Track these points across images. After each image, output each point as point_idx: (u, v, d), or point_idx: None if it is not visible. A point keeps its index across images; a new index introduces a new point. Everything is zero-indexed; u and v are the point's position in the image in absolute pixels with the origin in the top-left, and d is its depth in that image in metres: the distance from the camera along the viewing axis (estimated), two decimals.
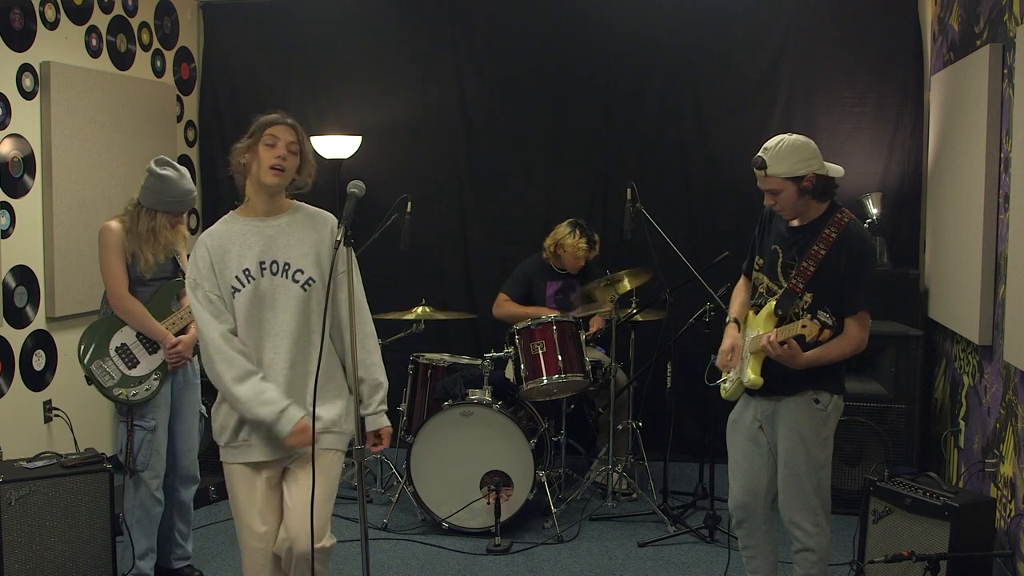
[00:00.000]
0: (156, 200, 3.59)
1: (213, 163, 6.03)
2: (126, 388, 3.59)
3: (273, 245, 2.74)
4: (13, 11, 4.41)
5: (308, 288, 2.73)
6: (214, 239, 2.76)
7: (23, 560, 3.52)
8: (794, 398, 3.08)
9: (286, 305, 2.72)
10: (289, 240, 2.76)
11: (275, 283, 2.72)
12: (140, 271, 3.59)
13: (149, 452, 3.63)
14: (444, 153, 5.83)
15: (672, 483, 4.80)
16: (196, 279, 2.73)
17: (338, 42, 5.87)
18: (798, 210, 3.08)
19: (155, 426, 3.64)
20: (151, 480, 3.64)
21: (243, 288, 2.71)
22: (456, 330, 5.75)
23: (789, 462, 3.11)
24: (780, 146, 3.01)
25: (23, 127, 4.47)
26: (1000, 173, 3.90)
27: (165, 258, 3.64)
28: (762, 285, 3.20)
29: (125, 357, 3.61)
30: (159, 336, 3.62)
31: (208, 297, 2.71)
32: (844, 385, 3.15)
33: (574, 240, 4.93)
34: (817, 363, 2.99)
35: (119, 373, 3.59)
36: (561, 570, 4.03)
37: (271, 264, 2.73)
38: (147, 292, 3.65)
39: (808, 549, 3.13)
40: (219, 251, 2.73)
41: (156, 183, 3.58)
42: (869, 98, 5.27)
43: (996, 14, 3.97)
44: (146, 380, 3.62)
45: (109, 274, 3.58)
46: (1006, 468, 3.75)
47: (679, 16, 5.47)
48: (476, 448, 4.33)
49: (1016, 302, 3.54)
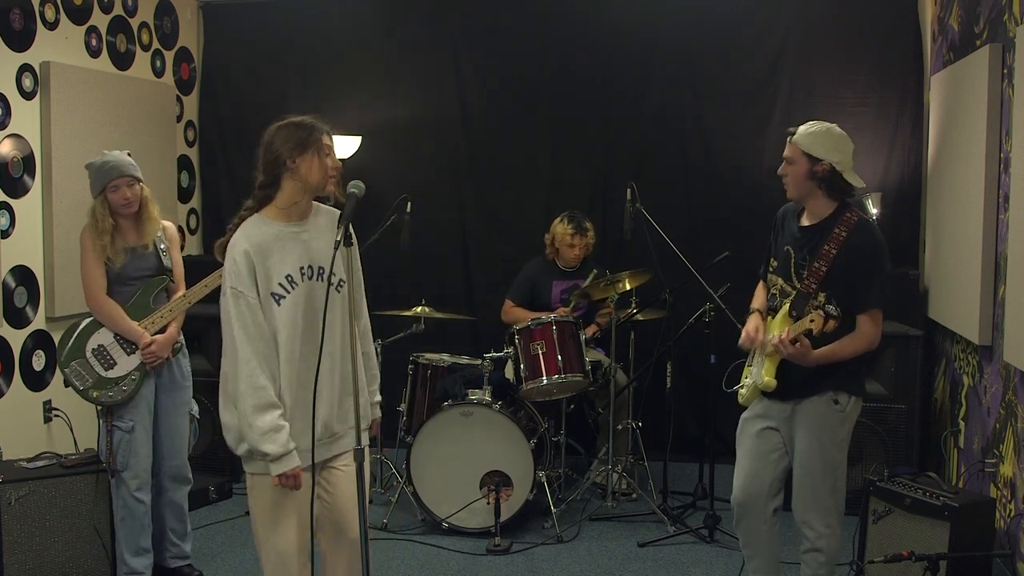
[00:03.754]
0: (94, 186, 3.63)
1: (213, 163, 6.04)
2: (101, 390, 3.58)
3: (309, 249, 2.72)
4: (13, 11, 4.41)
5: (341, 290, 2.73)
6: (253, 244, 2.64)
7: (23, 560, 3.52)
8: (813, 399, 3.08)
9: (332, 310, 2.67)
10: (320, 244, 2.74)
11: (315, 288, 2.70)
12: (111, 263, 3.60)
13: (128, 452, 3.62)
14: (444, 153, 5.83)
15: (672, 483, 4.80)
16: (237, 287, 2.62)
17: (338, 42, 5.87)
18: (802, 192, 3.10)
19: (133, 427, 3.63)
20: (131, 480, 3.63)
21: (287, 295, 2.66)
22: (456, 330, 5.74)
23: (805, 462, 3.11)
24: (817, 125, 3.09)
25: (23, 127, 4.47)
26: (1000, 173, 3.90)
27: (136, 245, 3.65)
28: (776, 287, 3.21)
29: (102, 358, 3.61)
30: (134, 336, 3.62)
31: (250, 310, 2.62)
32: (864, 387, 3.15)
33: (563, 228, 4.98)
34: (829, 360, 3.00)
35: (95, 375, 3.59)
36: (561, 570, 4.03)
37: (309, 269, 2.71)
38: (128, 291, 3.66)
39: (818, 550, 3.13)
40: (260, 256, 2.64)
41: (90, 176, 3.64)
42: (869, 98, 5.27)
43: (996, 14, 3.97)
44: (123, 381, 3.61)
45: (84, 275, 3.63)
46: (1006, 468, 3.75)
47: (679, 16, 5.47)
48: (476, 448, 4.33)
49: (1016, 302, 3.54)
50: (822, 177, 3.03)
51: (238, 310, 2.62)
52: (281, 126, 2.72)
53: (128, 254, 3.64)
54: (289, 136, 2.68)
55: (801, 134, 3.07)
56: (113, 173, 3.61)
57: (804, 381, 3.07)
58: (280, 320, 2.65)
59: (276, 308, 2.65)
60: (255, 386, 2.62)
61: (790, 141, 3.09)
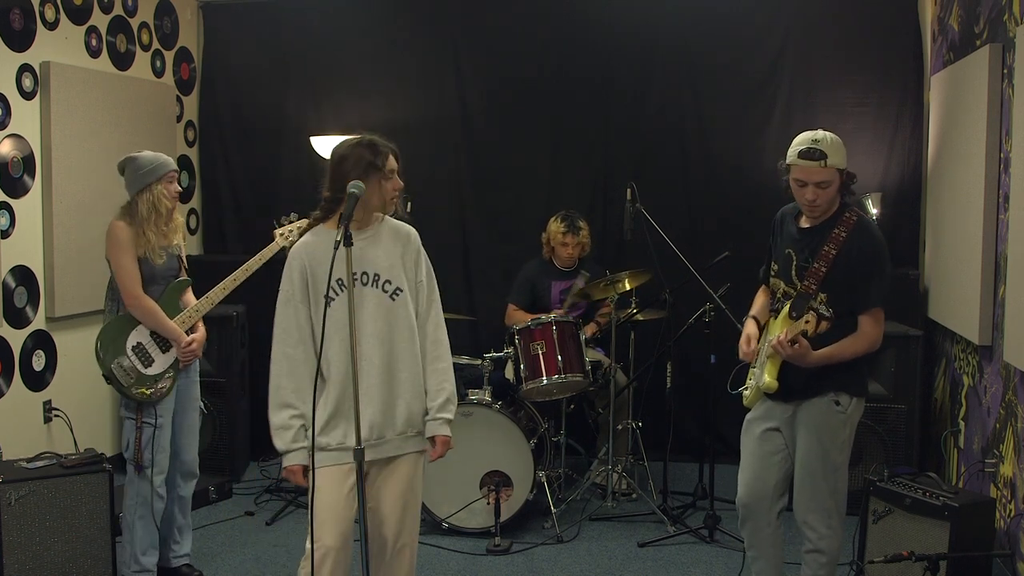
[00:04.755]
0: (139, 180, 3.60)
1: (213, 163, 6.04)
2: (144, 387, 3.62)
3: (363, 257, 2.82)
4: (13, 11, 4.41)
5: (396, 297, 2.84)
6: (308, 253, 2.84)
7: (23, 560, 3.52)
8: (814, 400, 3.08)
9: (374, 313, 2.81)
10: (377, 252, 2.86)
11: (365, 292, 2.82)
12: (153, 258, 3.60)
13: (155, 449, 3.65)
14: (444, 153, 5.83)
15: (672, 483, 4.80)
16: (290, 292, 2.83)
17: (338, 42, 5.87)
18: (832, 206, 3.07)
19: (162, 423, 3.68)
20: (156, 476, 3.66)
21: (336, 297, 2.79)
22: (456, 330, 5.72)
23: (806, 463, 3.11)
24: (828, 138, 3.01)
25: (23, 127, 4.47)
26: (1000, 173, 3.90)
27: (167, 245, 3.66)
28: (779, 290, 3.20)
29: (141, 356, 3.64)
30: (174, 335, 3.65)
31: (294, 313, 2.81)
32: (867, 388, 3.15)
33: (556, 226, 5.00)
34: (829, 361, 2.99)
35: (136, 372, 3.62)
36: (561, 570, 4.03)
37: (362, 275, 2.82)
38: (155, 291, 3.67)
39: (819, 550, 3.13)
40: (313, 264, 2.82)
41: (131, 168, 3.62)
42: (869, 98, 5.27)
43: (996, 14, 3.97)
44: (161, 378, 3.65)
45: (122, 274, 3.59)
46: (1006, 468, 3.75)
47: (679, 16, 5.47)
48: (476, 448, 4.33)
49: (1016, 302, 3.54)
50: (847, 183, 3.04)
51: (282, 313, 2.83)
52: (353, 145, 2.85)
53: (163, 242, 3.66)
54: (360, 159, 2.81)
55: (832, 153, 2.97)
56: (171, 164, 3.67)
57: (805, 382, 3.06)
58: (330, 318, 2.76)
59: (328, 310, 2.76)
60: (275, 385, 2.80)
61: (823, 165, 2.96)
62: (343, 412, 2.79)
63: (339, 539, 2.78)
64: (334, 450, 2.80)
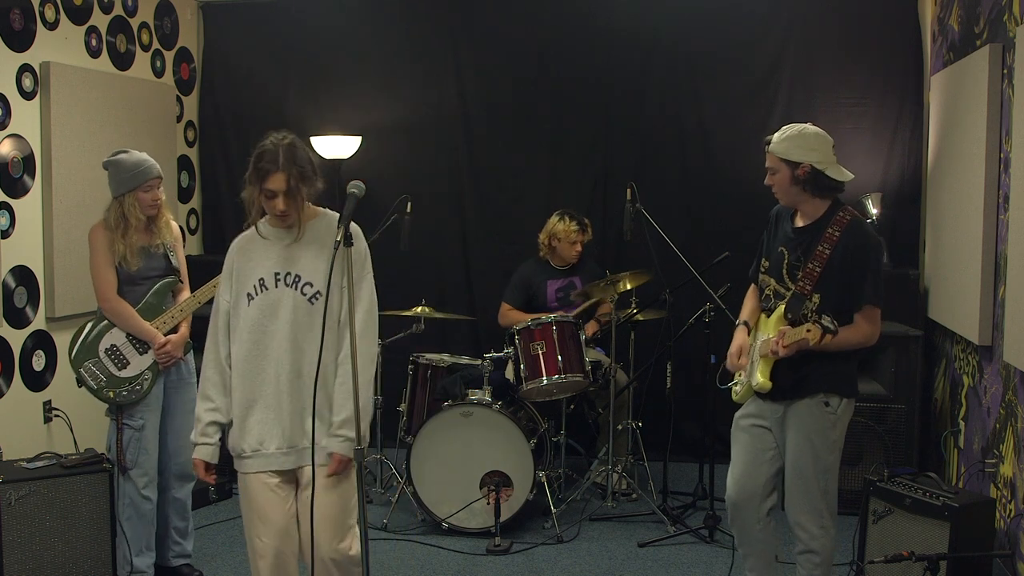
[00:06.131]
0: (118, 184, 3.60)
1: (213, 163, 6.04)
2: (115, 389, 3.61)
3: (291, 256, 2.79)
4: (13, 11, 4.41)
5: (315, 302, 2.76)
6: (241, 245, 2.86)
7: (23, 560, 3.52)
8: (805, 400, 3.07)
9: (287, 316, 2.76)
10: (303, 252, 2.80)
11: (283, 294, 2.77)
12: (127, 264, 3.60)
13: (137, 450, 3.65)
14: (444, 153, 5.83)
15: (672, 483, 4.80)
16: (221, 282, 2.89)
17: (338, 42, 5.87)
18: (792, 198, 3.12)
19: (143, 425, 3.66)
20: (139, 478, 3.66)
21: (256, 297, 2.78)
22: (456, 330, 5.75)
23: (796, 463, 3.11)
24: (789, 130, 3.09)
25: (23, 127, 4.47)
26: (1000, 173, 3.90)
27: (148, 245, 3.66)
28: (769, 287, 3.20)
29: (115, 358, 3.63)
30: (147, 336, 3.65)
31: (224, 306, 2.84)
32: (857, 388, 3.14)
33: (565, 225, 4.98)
34: (826, 347, 2.95)
35: (108, 374, 3.61)
36: (561, 570, 4.03)
37: (285, 276, 2.79)
38: (139, 291, 3.67)
39: (812, 551, 3.13)
40: (242, 258, 2.83)
41: (112, 171, 3.61)
42: (869, 98, 5.27)
43: (996, 14, 3.97)
44: (136, 380, 3.64)
45: (96, 276, 3.62)
46: (1006, 468, 3.75)
47: (679, 16, 5.47)
48: (476, 448, 4.33)
49: (1016, 302, 3.54)
50: (805, 180, 3.04)
51: (215, 304, 2.87)
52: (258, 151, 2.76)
53: (143, 255, 3.65)
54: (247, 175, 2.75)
55: (775, 142, 3.08)
56: (152, 172, 3.64)
57: (796, 383, 3.07)
58: (244, 318, 2.77)
59: (247, 307, 2.77)
60: (202, 377, 2.86)
61: (767, 151, 3.10)
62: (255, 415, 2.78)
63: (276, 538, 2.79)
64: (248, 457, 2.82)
